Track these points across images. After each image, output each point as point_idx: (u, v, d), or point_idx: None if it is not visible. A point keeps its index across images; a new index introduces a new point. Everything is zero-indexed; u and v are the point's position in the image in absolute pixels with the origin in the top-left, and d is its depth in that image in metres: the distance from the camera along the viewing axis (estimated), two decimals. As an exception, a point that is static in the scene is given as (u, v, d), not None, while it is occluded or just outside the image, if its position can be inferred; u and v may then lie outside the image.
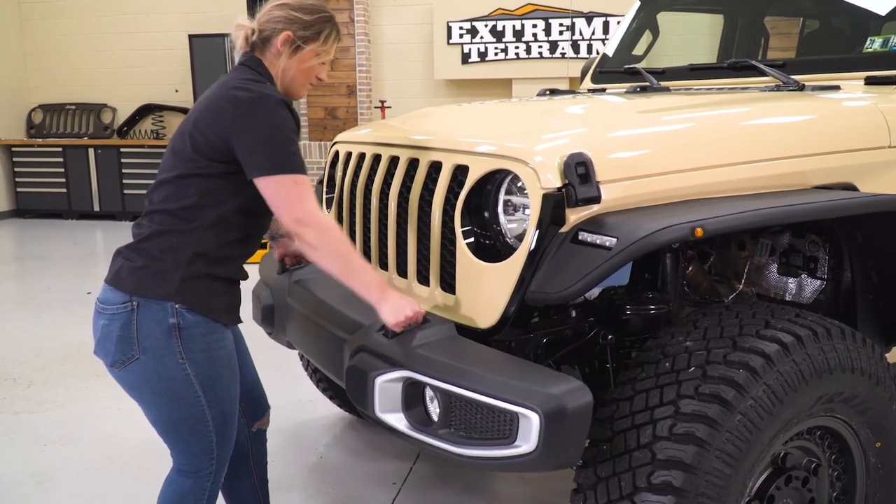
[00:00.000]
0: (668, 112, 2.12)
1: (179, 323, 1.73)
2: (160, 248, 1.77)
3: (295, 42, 1.85)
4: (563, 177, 1.71)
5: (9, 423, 3.43)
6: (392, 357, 1.73)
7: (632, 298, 2.09)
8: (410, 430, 1.69)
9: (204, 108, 1.79)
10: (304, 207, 1.71)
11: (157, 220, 1.79)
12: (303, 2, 1.88)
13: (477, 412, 1.55)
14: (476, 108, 2.68)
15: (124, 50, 9.12)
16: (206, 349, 1.78)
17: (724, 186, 1.87)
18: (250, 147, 1.71)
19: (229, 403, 1.87)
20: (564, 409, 1.47)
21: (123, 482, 2.86)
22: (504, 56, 7.90)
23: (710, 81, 2.75)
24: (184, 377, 1.76)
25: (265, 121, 1.71)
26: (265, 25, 1.86)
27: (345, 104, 8.45)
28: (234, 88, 1.75)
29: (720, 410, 1.55)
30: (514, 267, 1.77)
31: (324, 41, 1.89)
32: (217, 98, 1.76)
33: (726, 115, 2.03)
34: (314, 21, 1.87)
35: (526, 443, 1.49)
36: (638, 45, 3.47)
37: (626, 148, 1.83)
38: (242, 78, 1.80)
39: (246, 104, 1.71)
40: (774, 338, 1.65)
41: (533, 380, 1.54)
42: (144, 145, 8.82)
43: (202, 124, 1.77)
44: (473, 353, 1.71)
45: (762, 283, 2.43)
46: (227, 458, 1.95)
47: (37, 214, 9.20)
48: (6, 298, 5.57)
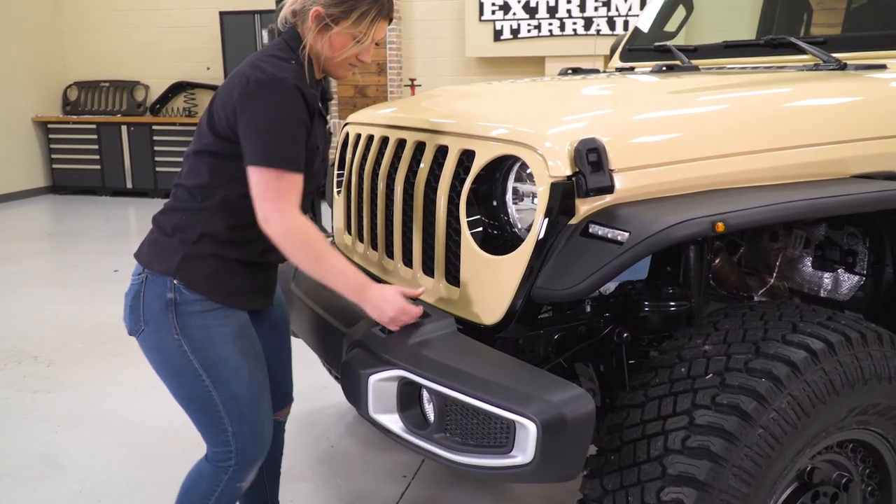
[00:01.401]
0: (693, 93, 1.96)
1: (176, 299, 1.69)
2: (172, 223, 1.76)
3: (324, 20, 1.69)
4: (573, 164, 1.58)
5: (26, 402, 3.44)
6: (386, 354, 1.63)
7: (650, 294, 1.96)
8: (405, 432, 1.59)
9: (225, 83, 1.73)
10: (276, 205, 1.61)
11: (177, 194, 1.78)
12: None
13: (473, 417, 1.44)
14: (489, 87, 2.54)
15: (156, 27, 9.12)
16: (203, 327, 1.70)
17: (752, 175, 1.72)
18: (247, 131, 1.64)
19: (243, 388, 1.76)
20: (563, 418, 1.35)
21: (131, 467, 2.83)
22: (537, 33, 7.68)
23: (745, 60, 2.57)
24: (181, 353, 1.70)
25: (267, 107, 1.62)
26: None
27: (374, 82, 8.33)
28: (252, 66, 1.66)
29: (738, 423, 1.41)
30: (520, 261, 1.65)
31: (356, 21, 1.70)
32: (236, 73, 1.69)
33: (756, 96, 1.87)
34: (351, 5, 1.69)
35: (522, 453, 1.38)
36: (671, 22, 3.29)
37: (643, 133, 1.68)
38: (268, 53, 1.71)
39: (253, 85, 1.62)
40: (802, 343, 1.50)
41: (532, 386, 1.42)
42: (176, 123, 8.83)
43: (218, 100, 1.72)
44: (472, 352, 1.60)
45: (795, 278, 2.27)
46: (253, 458, 1.83)
47: (72, 191, 9.31)
48: (35, 274, 5.61)
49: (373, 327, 1.71)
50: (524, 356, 1.91)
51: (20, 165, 8.95)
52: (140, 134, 8.89)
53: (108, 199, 8.98)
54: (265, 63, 1.66)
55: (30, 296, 5.06)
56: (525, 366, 1.52)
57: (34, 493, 2.69)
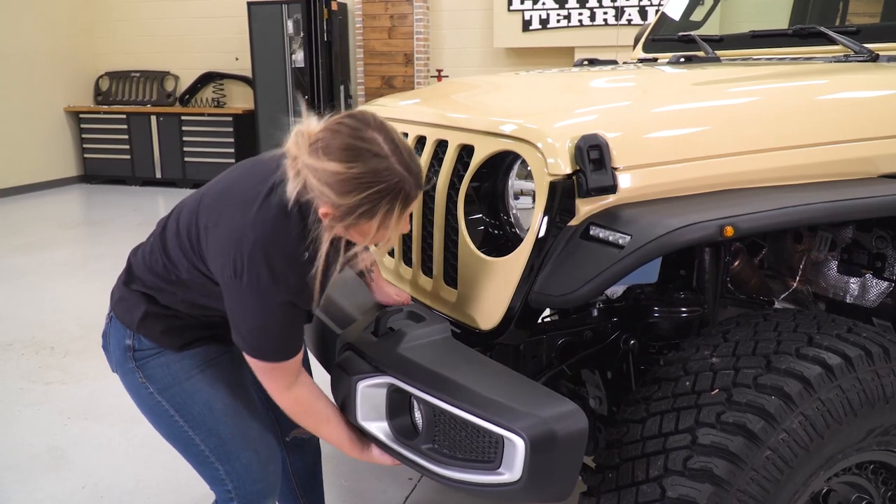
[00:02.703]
0: (709, 86, 1.84)
1: (134, 345, 1.61)
2: (141, 278, 1.61)
3: (339, 222, 1.36)
4: (573, 162, 1.48)
5: (39, 393, 3.44)
6: (376, 360, 1.55)
7: (661, 299, 1.85)
8: (392, 441, 1.51)
9: (216, 225, 1.44)
10: (277, 385, 1.52)
11: (153, 252, 1.59)
12: (342, 169, 1.29)
13: (462, 430, 1.35)
14: (495, 79, 2.44)
15: (186, 17, 9.14)
16: (164, 364, 1.61)
17: (769, 175, 1.60)
18: (235, 318, 1.46)
19: (220, 423, 1.63)
20: (553, 435, 1.26)
21: (136, 465, 2.80)
22: (567, 23, 7.51)
23: (773, 51, 2.43)
24: (149, 395, 1.62)
25: (258, 314, 1.42)
26: (306, 180, 1.34)
27: (402, 73, 8.25)
28: (250, 256, 1.37)
29: (744, 444, 1.31)
30: (518, 263, 1.56)
31: (383, 218, 1.35)
32: (230, 238, 1.40)
33: (776, 90, 1.74)
34: (359, 203, 1.31)
35: (510, 471, 1.29)
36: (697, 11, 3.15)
37: (651, 129, 1.58)
38: (275, 239, 1.38)
39: (245, 288, 1.39)
40: (817, 358, 1.39)
41: (523, 399, 1.33)
42: (205, 113, 8.85)
43: (205, 242, 1.47)
44: (465, 361, 1.51)
45: (820, 282, 2.13)
46: (258, 494, 1.70)
47: (102, 180, 9.40)
48: (60, 264, 5.66)
49: (364, 330, 1.63)
50: (525, 362, 1.83)
51: (53, 155, 9.06)
52: (169, 124, 8.94)
53: (138, 189, 9.06)
54: (264, 259, 1.37)
55: (54, 285, 5.09)
56: (518, 377, 1.43)
57: (38, 485, 2.68)
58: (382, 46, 8.22)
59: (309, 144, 1.33)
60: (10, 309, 4.61)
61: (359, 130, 1.32)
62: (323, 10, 6.52)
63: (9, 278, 5.27)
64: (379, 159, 1.31)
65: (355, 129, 1.32)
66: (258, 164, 1.52)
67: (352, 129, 1.33)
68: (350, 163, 1.29)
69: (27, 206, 7.98)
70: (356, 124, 1.33)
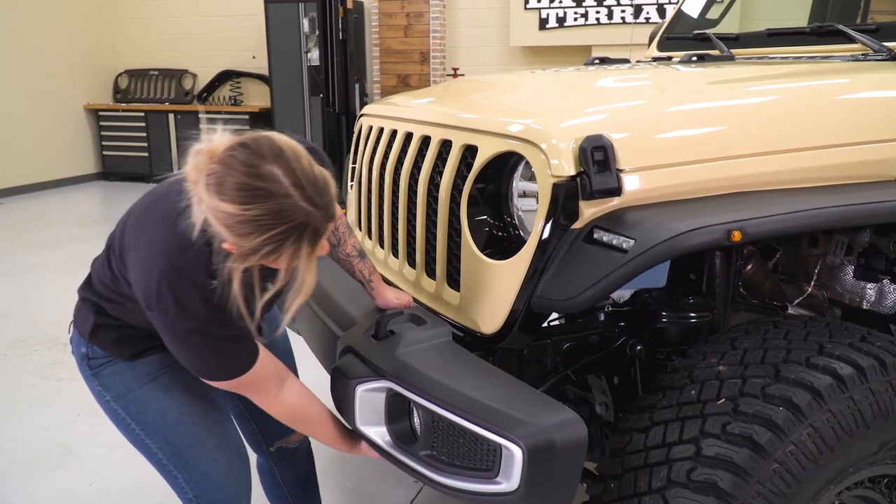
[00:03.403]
0: (720, 86, 1.79)
1: (88, 353, 1.59)
2: (95, 288, 1.57)
3: (243, 260, 1.25)
4: (577, 163, 1.44)
5: (50, 389, 3.46)
6: (376, 364, 1.52)
7: (669, 303, 1.81)
8: (391, 447, 1.48)
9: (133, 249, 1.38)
10: (259, 398, 1.50)
11: (105, 266, 1.53)
12: (237, 211, 1.18)
13: (460, 437, 1.32)
14: (503, 78, 2.41)
15: (203, 16, 9.19)
16: (117, 372, 1.58)
17: (782, 177, 1.55)
18: (175, 350, 1.41)
19: (174, 432, 1.60)
20: (552, 445, 1.22)
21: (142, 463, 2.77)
22: (584, 21, 7.45)
23: (789, 49, 2.37)
24: (106, 404, 1.61)
25: (179, 343, 1.37)
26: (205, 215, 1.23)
27: (418, 72, 8.22)
28: (158, 289, 1.30)
29: (750, 457, 1.26)
30: (520, 266, 1.52)
31: (291, 256, 1.25)
32: (139, 270, 1.35)
33: (789, 89, 1.69)
34: (260, 245, 1.20)
35: (507, 480, 1.26)
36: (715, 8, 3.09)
37: (659, 129, 1.53)
38: (179, 265, 1.30)
39: (160, 322, 1.34)
40: (828, 368, 1.34)
41: (522, 407, 1.29)
42: (222, 111, 8.87)
43: (127, 263, 1.41)
44: (465, 366, 1.47)
45: (836, 287, 2.08)
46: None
47: (121, 177, 9.47)
48: (74, 260, 5.69)
49: (364, 332, 1.61)
50: (530, 366, 1.79)
51: (72, 152, 9.14)
52: (187, 122, 8.98)
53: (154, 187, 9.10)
54: (170, 291, 1.29)
55: (70, 282, 5.08)
56: (519, 384, 1.39)
57: (44, 482, 2.68)
58: (398, 45, 8.20)
59: (206, 175, 1.20)
60: (26, 305, 4.65)
61: (253, 167, 1.18)
62: (338, 8, 6.50)
63: (25, 274, 5.32)
64: (278, 199, 1.19)
65: (250, 166, 1.18)
66: (173, 184, 1.40)
67: (245, 164, 1.18)
68: (246, 204, 1.17)
69: (46, 203, 8.06)
70: (250, 159, 1.19)
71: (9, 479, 2.71)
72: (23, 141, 8.39)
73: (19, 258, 5.73)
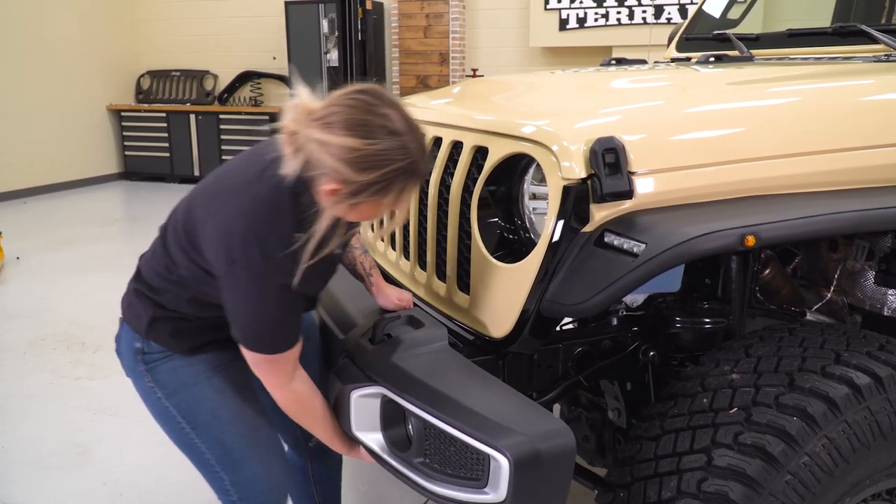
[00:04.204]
0: (737, 87, 1.76)
1: (143, 348, 1.58)
2: (148, 281, 1.58)
3: (347, 199, 1.31)
4: (587, 166, 1.42)
5: (68, 388, 3.49)
6: (370, 369, 1.49)
7: (683, 308, 1.77)
8: (385, 453, 1.46)
9: (210, 216, 1.41)
10: (274, 380, 1.49)
11: (156, 254, 1.57)
12: (361, 145, 1.25)
13: (451, 445, 1.30)
14: (529, 78, 2.39)
15: (225, 17, 9.25)
16: (172, 369, 1.58)
17: (798, 181, 1.51)
18: (231, 309, 1.43)
19: (226, 432, 1.60)
20: (538, 455, 1.19)
21: (157, 462, 2.81)
22: (605, 22, 7.39)
23: (811, 50, 2.33)
24: (157, 400, 1.60)
25: (252, 298, 1.39)
26: (309, 156, 1.29)
27: (437, 72, 8.21)
28: (243, 237, 1.34)
29: (762, 468, 1.23)
30: (530, 270, 1.50)
31: (396, 196, 1.33)
32: (221, 226, 1.37)
33: (807, 90, 1.66)
34: (375, 180, 1.27)
35: (495, 491, 1.23)
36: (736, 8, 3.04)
37: (673, 131, 1.50)
38: (267, 220, 1.35)
39: (240, 270, 1.35)
40: (844, 377, 1.30)
41: (511, 417, 1.26)
42: (242, 112, 8.95)
43: (201, 234, 1.43)
44: (458, 372, 1.45)
45: (856, 293, 2.03)
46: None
47: (142, 177, 9.56)
48: (94, 259, 5.76)
49: (363, 336, 1.59)
50: (540, 371, 1.77)
51: (95, 152, 9.25)
52: (208, 122, 9.05)
53: (176, 186, 9.18)
54: (257, 242, 1.33)
55: (90, 281, 5.17)
56: (512, 393, 1.36)
57: (60, 480, 2.70)
58: (418, 45, 8.20)
59: (315, 118, 1.28)
60: (47, 304, 4.70)
61: (375, 106, 1.27)
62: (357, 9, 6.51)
63: (47, 273, 5.38)
64: (397, 137, 1.27)
65: (371, 105, 1.27)
66: (249, 153, 1.49)
67: (367, 104, 1.27)
68: (368, 139, 1.25)
69: (69, 203, 8.16)
70: (372, 100, 1.28)
71: (25, 478, 2.73)
72: (46, 141, 8.50)
73: (42, 257, 5.80)
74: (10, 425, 3.14)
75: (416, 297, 1.94)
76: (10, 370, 3.71)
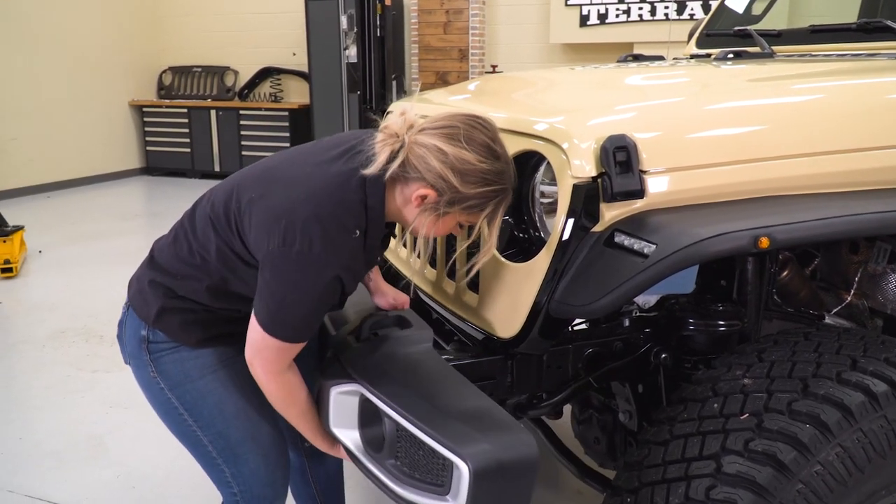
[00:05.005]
0: (756, 84, 1.72)
1: (149, 337, 1.57)
2: (162, 268, 1.58)
3: (437, 209, 1.38)
4: (598, 164, 1.39)
5: (85, 381, 3.52)
6: (351, 366, 1.47)
7: (697, 310, 1.74)
8: (360, 452, 1.44)
9: (264, 197, 1.42)
10: (270, 368, 1.46)
11: (178, 239, 1.57)
12: (474, 161, 1.34)
13: (420, 448, 1.28)
14: (547, 74, 2.36)
15: (245, 13, 9.29)
16: (178, 360, 1.57)
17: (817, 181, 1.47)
18: (265, 289, 1.41)
19: (230, 426, 1.60)
20: (500, 464, 1.17)
21: (170, 455, 2.82)
22: (626, 18, 7.31)
23: (835, 46, 2.27)
24: (160, 391, 1.58)
25: (298, 285, 1.38)
26: (413, 159, 1.36)
27: (456, 69, 8.18)
28: (305, 221, 1.35)
29: (773, 476, 1.20)
30: (538, 269, 1.48)
31: (486, 215, 1.41)
32: (281, 207, 1.38)
33: (831, 88, 1.61)
34: (476, 195, 1.36)
35: (455, 499, 1.20)
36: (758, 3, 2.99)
37: (687, 129, 1.47)
38: (332, 210, 1.37)
39: (294, 255, 1.35)
40: (861, 384, 1.26)
41: (477, 423, 1.24)
42: (262, 108, 8.98)
43: (247, 215, 1.43)
44: (435, 375, 1.43)
45: (877, 296, 1.98)
46: (264, 500, 1.68)
47: (163, 172, 9.63)
48: (114, 253, 5.81)
49: (350, 334, 1.57)
50: (550, 372, 1.74)
51: (117, 147, 9.34)
52: (228, 118, 9.09)
53: (197, 182, 9.25)
54: (319, 228, 1.34)
55: (109, 275, 5.22)
56: (484, 399, 1.34)
57: (73, 472, 2.72)
58: (437, 42, 8.17)
59: (432, 128, 1.37)
60: (66, 297, 4.75)
61: (493, 136, 1.40)
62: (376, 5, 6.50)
63: (68, 266, 5.44)
64: (503, 163, 1.39)
65: (493, 133, 1.40)
66: (309, 146, 1.54)
67: (489, 131, 1.40)
68: (485, 158, 1.36)
69: (91, 197, 8.25)
70: (493, 129, 1.41)
71: (41, 469, 2.76)
72: (69, 136, 8.59)
73: (64, 251, 5.86)
74: (28, 417, 3.18)
75: (426, 296, 1.93)
76: (30, 362, 3.75)
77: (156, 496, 2.60)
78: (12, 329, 4.26)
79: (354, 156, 1.41)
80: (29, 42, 8.01)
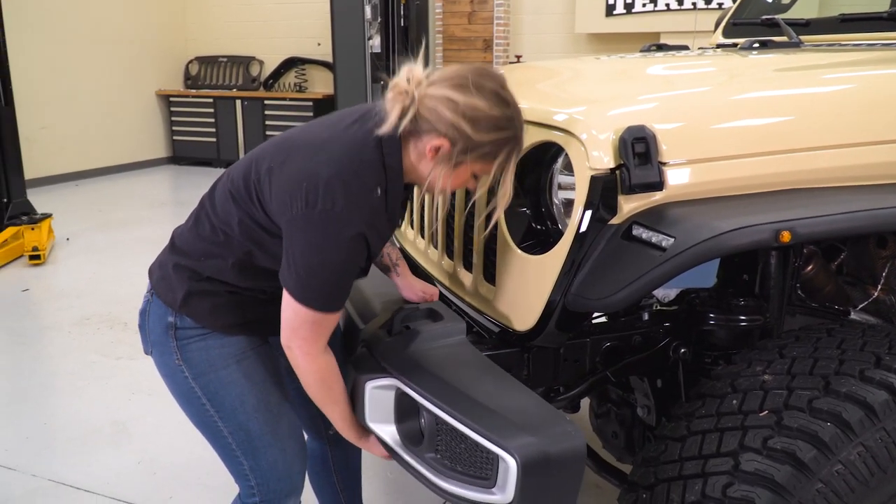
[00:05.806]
0: (780, 74, 1.68)
1: (176, 323, 1.56)
2: (185, 251, 1.58)
3: (451, 159, 1.38)
4: (617, 156, 1.37)
5: (109, 368, 3.57)
6: (386, 360, 1.47)
7: (718, 305, 1.71)
8: (398, 446, 1.44)
9: (284, 163, 1.42)
10: (307, 346, 1.45)
11: (200, 218, 1.57)
12: (485, 108, 1.35)
13: (462, 442, 1.27)
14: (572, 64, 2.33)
15: (270, 3, 9.32)
16: (203, 349, 1.56)
17: (842, 174, 1.44)
18: (292, 258, 1.40)
19: (251, 419, 1.59)
20: (547, 457, 1.16)
21: (191, 442, 2.85)
22: (653, 7, 7.21)
23: (865, 36, 2.22)
24: (183, 379, 1.58)
25: (323, 249, 1.37)
26: (425, 112, 1.37)
27: (480, 59, 8.14)
28: (327, 181, 1.35)
29: (792, 475, 1.17)
30: (555, 262, 1.46)
31: (499, 163, 1.41)
32: (302, 171, 1.39)
33: (854, 78, 1.57)
34: (488, 142, 1.37)
35: (502, 492, 1.20)
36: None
37: (708, 120, 1.44)
38: (353, 168, 1.38)
39: (317, 216, 1.35)
40: (885, 382, 1.23)
41: (522, 417, 1.23)
42: (287, 98, 9.01)
43: (266, 184, 1.44)
44: (473, 368, 1.42)
45: (905, 292, 1.93)
46: (281, 493, 1.67)
47: (190, 162, 9.71)
48: (140, 242, 5.88)
49: (381, 326, 1.57)
50: (567, 366, 1.73)
51: (144, 136, 9.43)
52: (253, 108, 9.15)
53: (222, 171, 9.27)
54: (342, 186, 1.35)
55: (135, 263, 5.28)
56: (526, 393, 1.33)
57: (96, 457, 2.76)
58: (462, 32, 8.14)
59: (441, 79, 1.37)
60: (93, 284, 4.82)
61: (503, 84, 1.40)
62: (400, -6, 6.49)
63: (95, 254, 5.51)
64: (514, 110, 1.39)
65: (501, 81, 1.40)
66: (324, 119, 1.54)
67: (498, 80, 1.40)
68: (496, 105, 1.36)
69: (119, 186, 8.35)
70: (500, 78, 1.41)
71: (63, 454, 2.80)
72: (98, 125, 8.70)
73: (93, 238, 5.94)
74: (53, 402, 3.23)
75: (443, 288, 1.92)
76: (57, 348, 3.82)
77: (177, 483, 2.63)
78: (39, 315, 4.33)
79: (368, 119, 1.43)
80: (59, 32, 8.11)
